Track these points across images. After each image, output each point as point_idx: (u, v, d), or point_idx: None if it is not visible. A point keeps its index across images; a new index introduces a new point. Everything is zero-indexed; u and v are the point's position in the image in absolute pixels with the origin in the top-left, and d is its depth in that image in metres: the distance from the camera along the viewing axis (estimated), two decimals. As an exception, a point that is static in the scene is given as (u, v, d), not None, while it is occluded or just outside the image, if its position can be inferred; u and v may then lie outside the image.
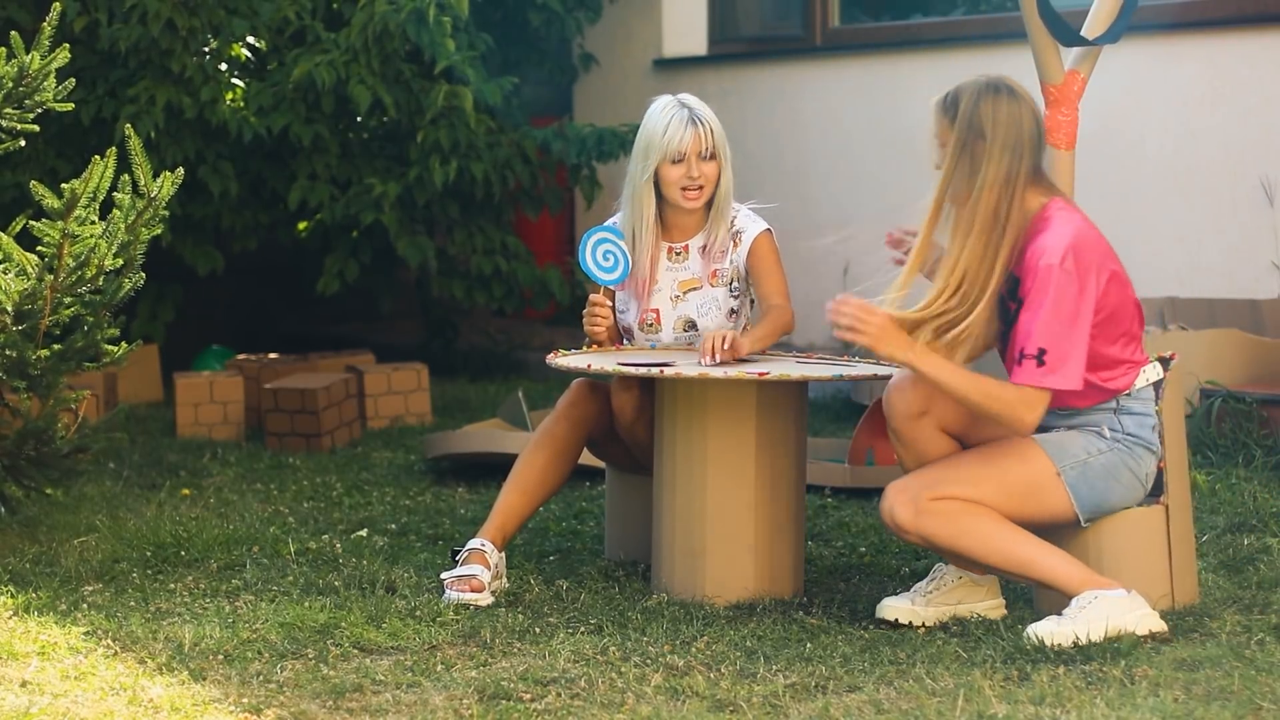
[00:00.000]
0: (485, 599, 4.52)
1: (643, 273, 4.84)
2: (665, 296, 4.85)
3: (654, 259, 4.85)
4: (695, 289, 4.84)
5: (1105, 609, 4.07)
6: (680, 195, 4.75)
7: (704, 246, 4.84)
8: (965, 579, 4.40)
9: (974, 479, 4.18)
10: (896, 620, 4.32)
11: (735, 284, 4.84)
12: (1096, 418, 4.23)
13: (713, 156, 4.75)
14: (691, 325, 4.84)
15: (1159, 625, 4.10)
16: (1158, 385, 4.26)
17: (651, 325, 4.86)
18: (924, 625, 4.31)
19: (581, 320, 4.93)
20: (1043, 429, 4.30)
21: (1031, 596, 4.44)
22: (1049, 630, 4.05)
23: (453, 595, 4.51)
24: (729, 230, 4.82)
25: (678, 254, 4.86)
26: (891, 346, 4.12)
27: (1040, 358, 4.05)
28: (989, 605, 4.40)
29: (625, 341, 4.93)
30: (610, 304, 4.86)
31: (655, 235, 4.84)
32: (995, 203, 4.13)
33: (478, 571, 4.55)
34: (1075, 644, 4.02)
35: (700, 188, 4.75)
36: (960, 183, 4.17)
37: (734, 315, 4.85)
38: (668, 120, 4.74)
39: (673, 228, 4.87)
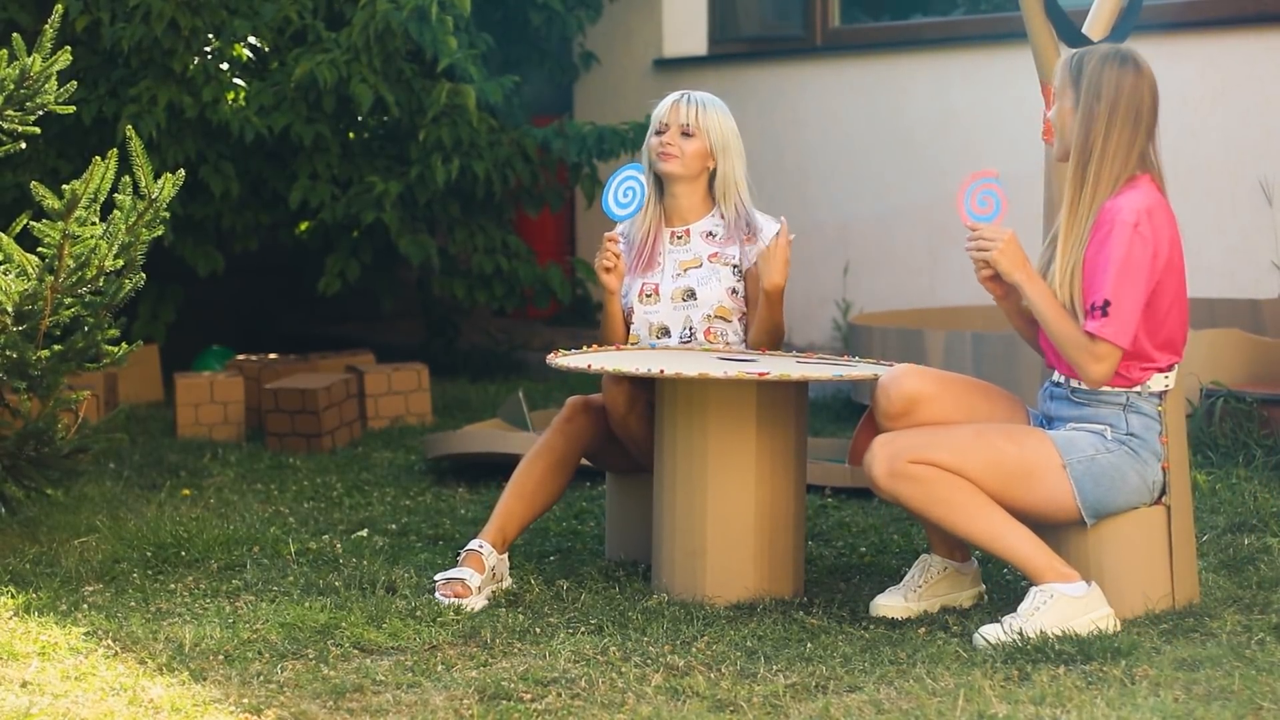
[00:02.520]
0: (475, 602, 4.52)
1: (644, 249, 4.95)
2: (667, 275, 4.93)
3: (656, 239, 4.93)
4: (696, 267, 4.90)
5: (1058, 612, 4.11)
6: (656, 158, 4.92)
7: (708, 232, 4.90)
8: (950, 570, 4.47)
9: (964, 449, 4.20)
10: (892, 617, 4.38)
11: (738, 269, 4.89)
12: (1105, 412, 4.24)
13: (692, 136, 4.88)
14: (690, 294, 4.89)
15: (1113, 626, 4.14)
16: (1162, 394, 4.27)
17: (650, 296, 4.91)
18: (921, 614, 4.40)
19: (592, 317, 4.99)
20: (1049, 424, 4.32)
21: (1018, 589, 4.44)
22: (995, 635, 4.10)
23: (439, 597, 4.52)
24: (742, 223, 4.88)
25: (679, 237, 4.95)
26: (1010, 263, 4.22)
27: (1105, 308, 4.12)
28: (972, 594, 4.52)
29: (631, 326, 4.95)
30: (620, 240, 4.93)
31: (653, 209, 4.96)
32: (1110, 169, 4.19)
33: (466, 575, 4.57)
34: (1020, 636, 4.05)
35: (675, 156, 4.88)
36: (1081, 143, 4.21)
37: (734, 294, 4.88)
38: (663, 99, 4.99)
39: (673, 213, 4.98)
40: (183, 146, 7.50)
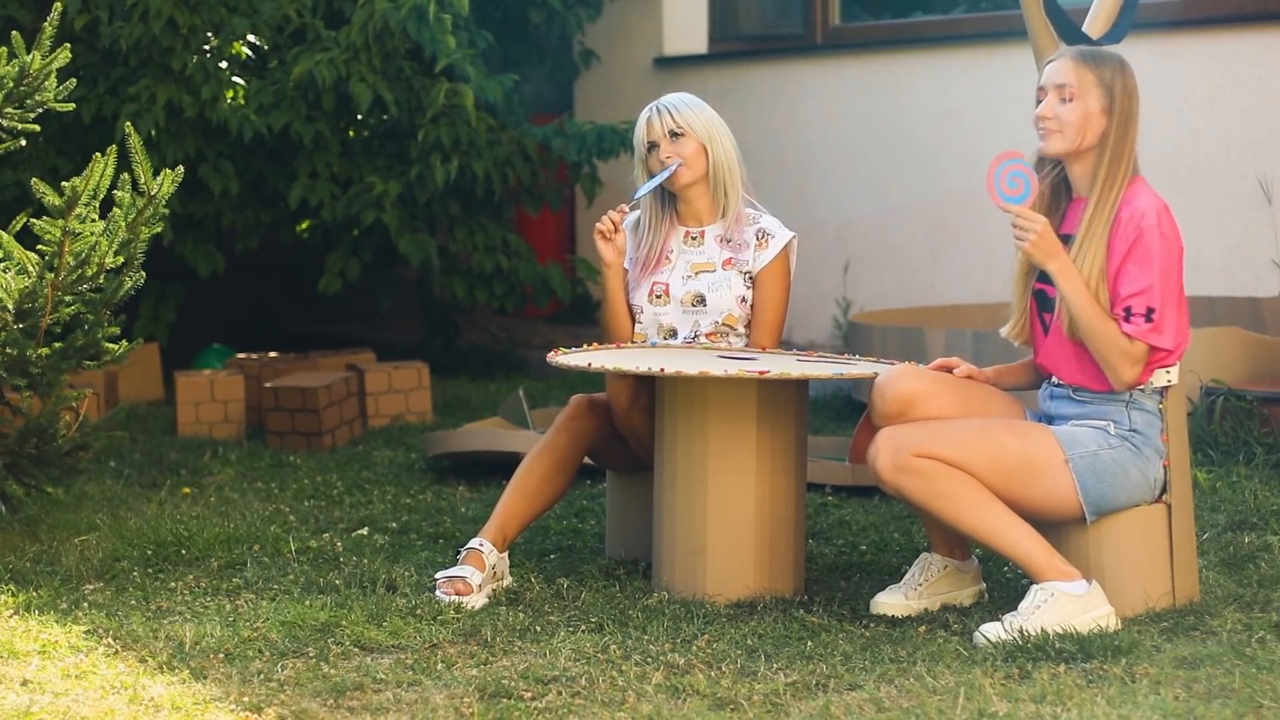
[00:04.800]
0: (475, 601, 4.52)
1: (652, 251, 4.94)
2: (678, 275, 4.92)
3: (665, 241, 4.94)
4: (708, 271, 4.89)
5: (1059, 611, 4.11)
6: (662, 171, 4.90)
7: (721, 235, 4.90)
8: (950, 568, 4.48)
9: (966, 444, 4.20)
10: (893, 615, 4.38)
11: (750, 276, 4.89)
12: (1108, 409, 4.24)
13: (679, 134, 4.87)
14: (700, 300, 4.88)
15: (1113, 624, 4.15)
16: (1164, 390, 4.27)
17: (660, 298, 4.90)
18: (921, 612, 4.41)
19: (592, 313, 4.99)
20: (1049, 424, 4.32)
21: (1019, 588, 4.44)
22: (996, 633, 4.10)
23: (440, 595, 4.52)
24: (754, 227, 4.87)
25: (694, 239, 4.94)
26: (1044, 253, 4.19)
27: (1149, 315, 4.14)
28: (972, 592, 4.53)
29: (638, 325, 4.95)
30: (626, 211, 4.94)
31: (660, 220, 4.95)
32: (1127, 171, 4.23)
33: (468, 574, 4.56)
34: (1021, 634, 4.06)
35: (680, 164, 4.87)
36: (1118, 144, 4.23)
37: (743, 303, 4.88)
38: (638, 121, 4.95)
39: (687, 215, 4.97)
40: (182, 145, 7.50)
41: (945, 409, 4.31)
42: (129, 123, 5.82)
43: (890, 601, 4.42)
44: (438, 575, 4.61)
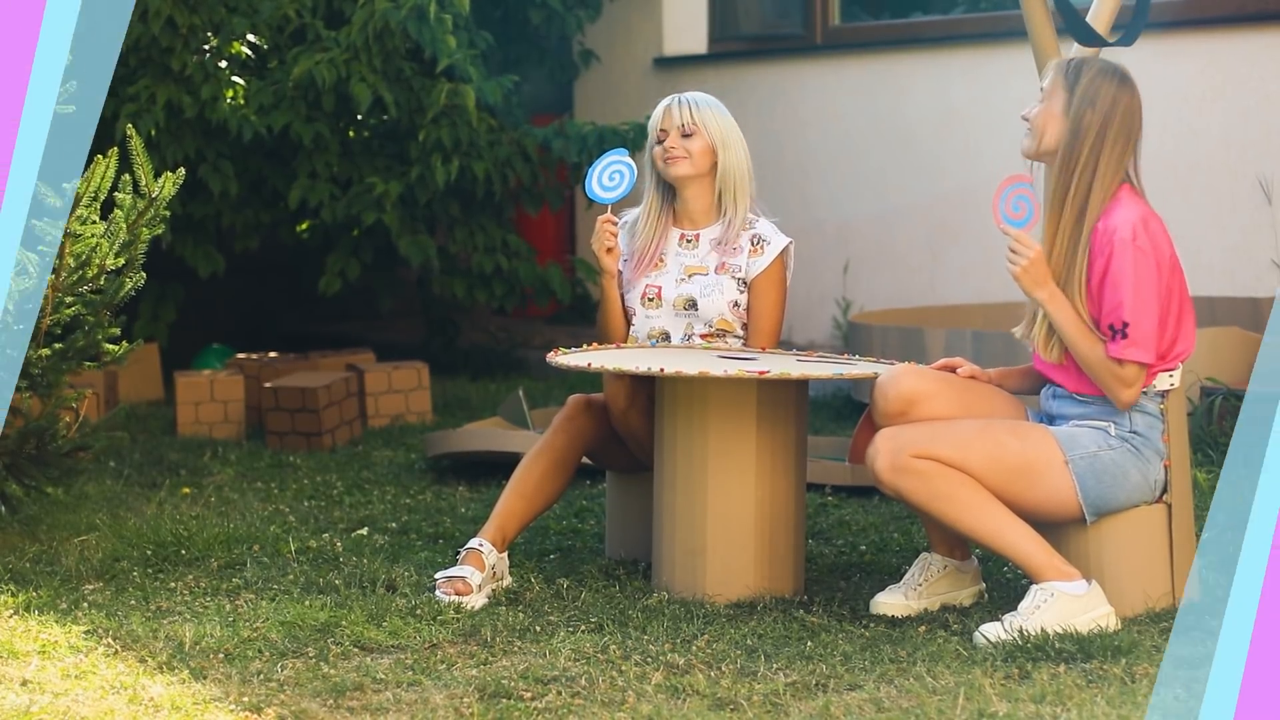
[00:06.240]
0: (475, 601, 4.52)
1: (647, 251, 4.92)
2: (671, 278, 4.91)
3: (661, 240, 4.92)
4: (701, 274, 4.88)
5: (1059, 610, 4.11)
6: (665, 164, 4.89)
7: (717, 239, 4.88)
8: (950, 568, 4.48)
9: (966, 444, 4.20)
10: (892, 615, 4.38)
11: (743, 282, 4.88)
12: (1109, 410, 4.24)
13: (693, 134, 4.86)
14: (692, 304, 4.87)
15: (1113, 624, 4.15)
16: (1165, 392, 4.27)
17: (652, 300, 4.90)
18: (921, 612, 4.41)
19: (588, 314, 4.99)
20: (1050, 424, 4.32)
21: (1019, 588, 4.44)
22: (996, 633, 4.10)
23: (440, 595, 4.52)
24: (750, 232, 4.87)
25: (689, 241, 4.93)
26: (1032, 282, 4.20)
27: (1124, 330, 4.13)
28: (972, 592, 4.52)
29: (631, 328, 4.95)
30: (617, 222, 4.94)
31: (659, 216, 4.95)
32: (1100, 185, 4.20)
33: (468, 573, 4.56)
34: (1020, 635, 4.06)
35: (683, 158, 4.87)
36: (1068, 150, 4.21)
37: (736, 307, 4.88)
38: (656, 107, 4.96)
39: (684, 216, 4.96)
40: (182, 145, 7.50)
41: (947, 409, 4.31)
42: (130, 124, 5.83)
43: (890, 601, 4.42)
44: (437, 575, 4.62)
